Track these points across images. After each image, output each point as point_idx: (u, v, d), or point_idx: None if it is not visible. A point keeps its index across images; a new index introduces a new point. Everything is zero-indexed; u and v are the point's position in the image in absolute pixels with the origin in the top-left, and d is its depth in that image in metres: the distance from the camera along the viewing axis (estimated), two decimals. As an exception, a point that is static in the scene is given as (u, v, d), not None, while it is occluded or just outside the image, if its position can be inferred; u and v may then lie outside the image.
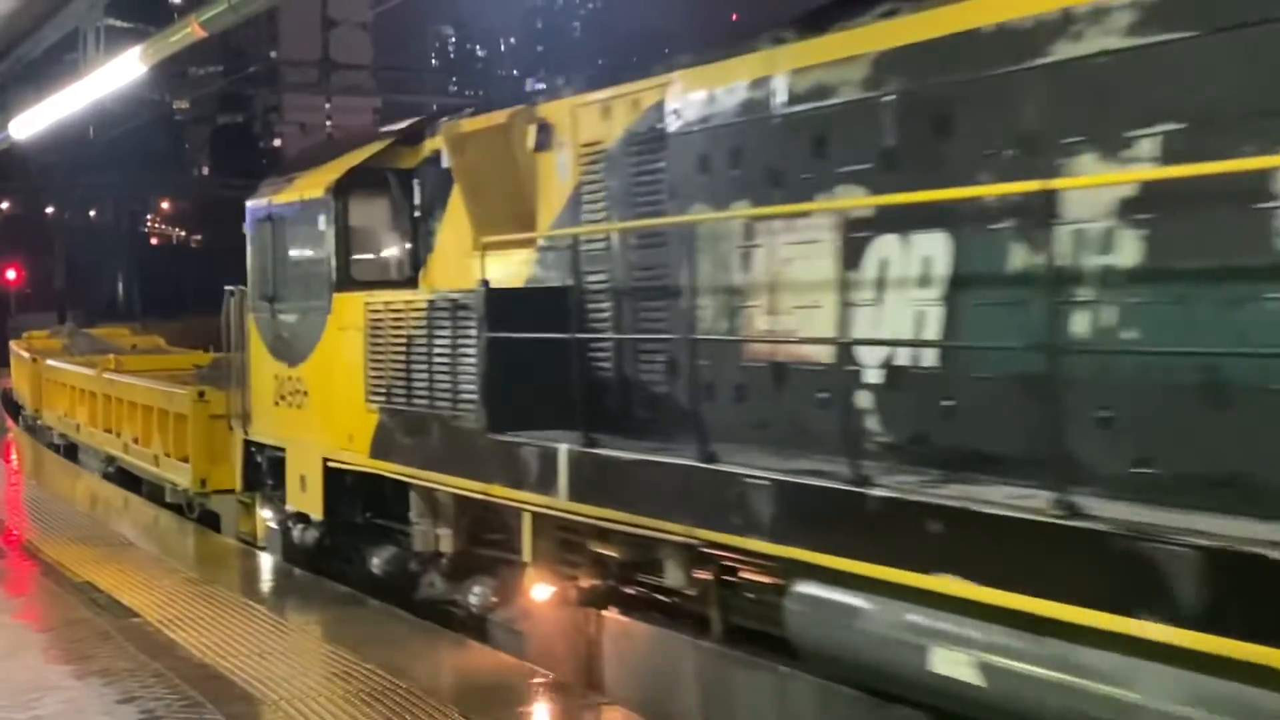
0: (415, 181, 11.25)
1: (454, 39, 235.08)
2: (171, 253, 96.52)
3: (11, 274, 55.51)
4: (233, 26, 13.05)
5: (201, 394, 15.64)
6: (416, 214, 11.25)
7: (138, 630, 9.67)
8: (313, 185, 11.76)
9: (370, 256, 11.55)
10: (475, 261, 9.50)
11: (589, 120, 9.07)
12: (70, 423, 22.11)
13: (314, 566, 12.10)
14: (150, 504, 17.01)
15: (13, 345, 30.30)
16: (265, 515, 13.21)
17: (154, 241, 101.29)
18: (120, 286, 71.89)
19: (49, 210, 71.98)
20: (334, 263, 11.29)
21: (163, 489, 17.06)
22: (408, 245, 11.32)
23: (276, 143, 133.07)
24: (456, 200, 10.54)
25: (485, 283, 8.94)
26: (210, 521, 15.42)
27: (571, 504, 8.01)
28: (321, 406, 11.40)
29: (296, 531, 12.28)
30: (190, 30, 12.75)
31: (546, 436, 8.32)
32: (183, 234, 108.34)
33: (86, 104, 17.23)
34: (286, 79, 56.35)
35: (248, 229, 13.04)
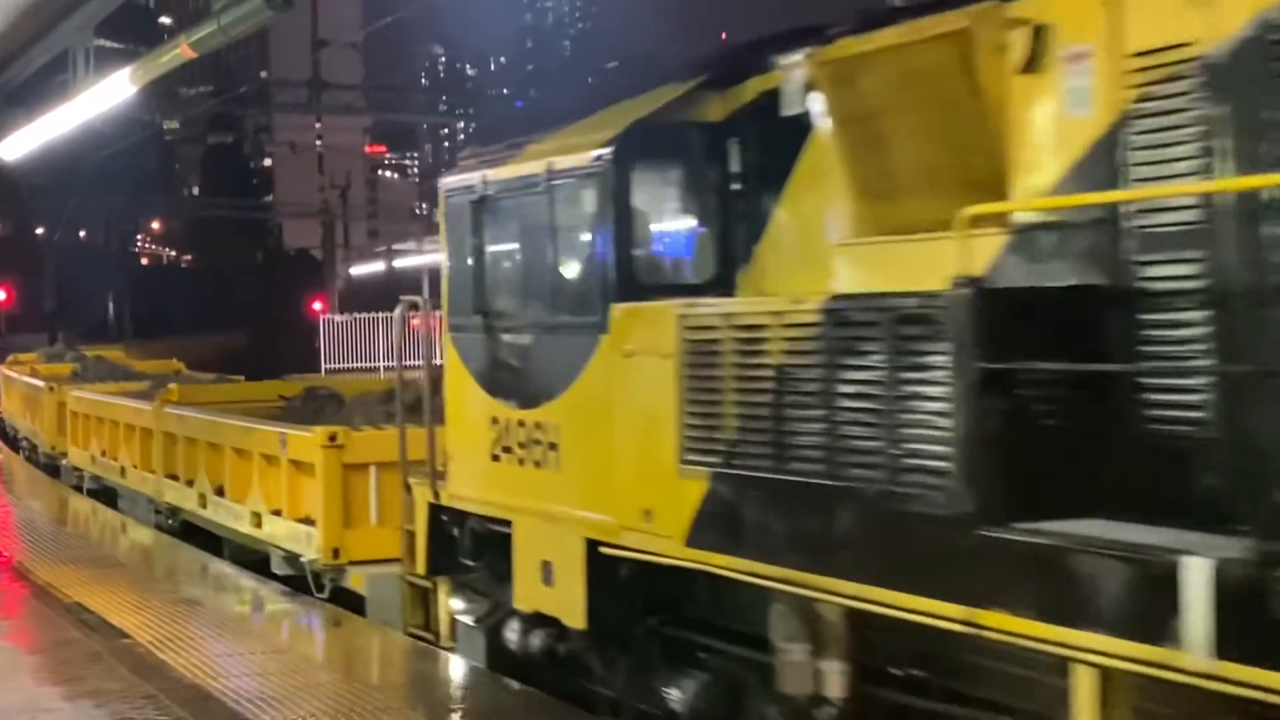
0: (731, 140, 7.96)
1: (444, 58, 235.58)
2: (162, 273, 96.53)
3: (1, 295, 55.39)
4: (222, 47, 13.06)
5: (334, 437, 12.01)
6: (734, 186, 7.98)
7: (128, 651, 9.64)
8: (570, 150, 8.33)
9: (660, 250, 8.35)
10: (859, 254, 6.94)
11: (1151, 12, 5.67)
12: (109, 465, 18.72)
13: (532, 679, 8.96)
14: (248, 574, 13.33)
15: (3, 371, 28.41)
16: (456, 607, 9.68)
17: (144, 261, 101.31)
18: (111, 307, 71.86)
19: (39, 231, 71.97)
20: (611, 259, 7.86)
21: (260, 554, 13.41)
22: (714, 232, 8.07)
23: (267, 162, 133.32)
24: (815, 163, 7.38)
25: (971, 281, 5.66)
26: (347, 602, 11.60)
27: (1220, 664, 4.64)
28: (586, 466, 7.98)
29: (513, 633, 8.89)
30: (179, 51, 12.77)
31: (1088, 530, 5.26)
32: (173, 254, 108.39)
33: (76, 125, 17.24)
34: (277, 98, 56.40)
35: (444, 217, 9.64)
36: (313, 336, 45.46)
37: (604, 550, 7.75)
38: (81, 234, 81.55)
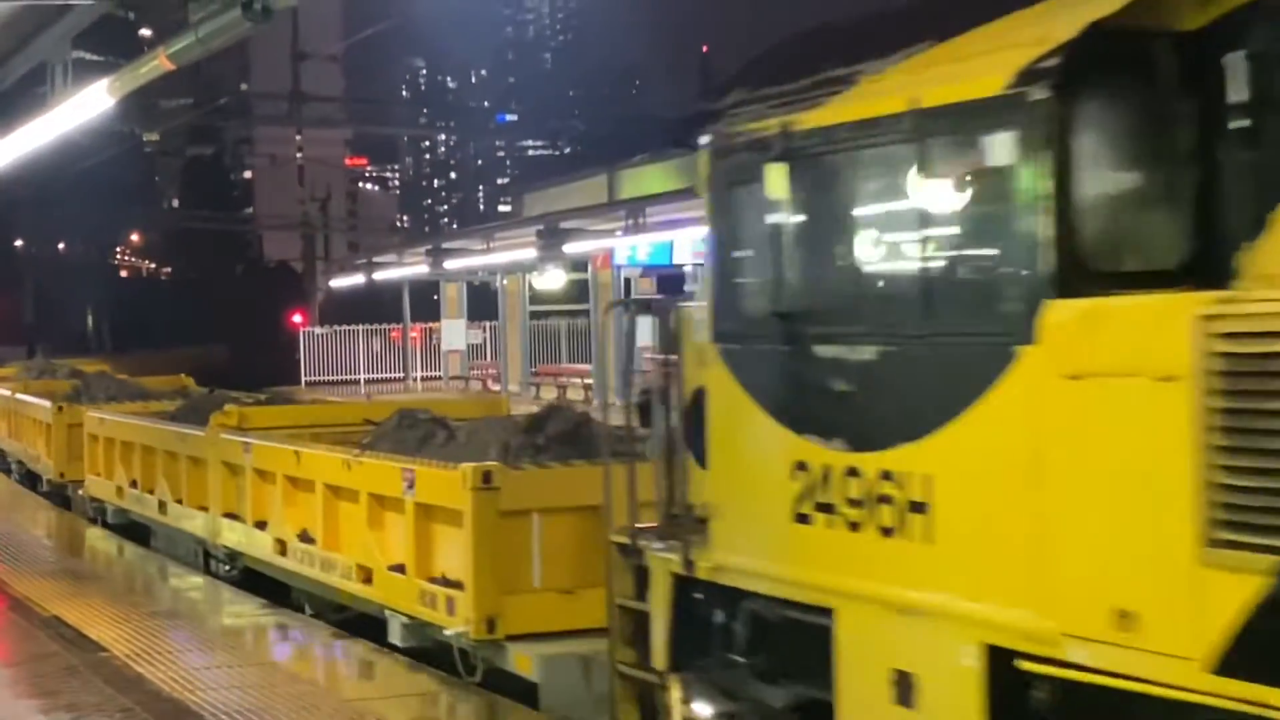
0: (1228, 56, 5.38)
1: (425, 71, 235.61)
2: (142, 285, 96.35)
3: (-20, 307, 55.25)
4: (201, 59, 13.03)
5: (487, 477, 9.47)
6: (1230, 125, 5.41)
7: (105, 665, 9.60)
8: (955, 77, 5.79)
9: (1116, 221, 5.58)
10: None
11: None
12: (143, 498, 16.13)
13: None
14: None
15: None
16: (702, 715, 7.28)
17: (124, 274, 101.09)
18: (90, 320, 71.69)
19: (18, 243, 71.77)
20: (1043, 234, 5.37)
21: (354, 612, 11.17)
22: (1190, 193, 5.53)
23: (247, 175, 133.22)
24: None
25: None
26: (503, 685, 9.36)
27: None
28: (986, 537, 5.60)
29: None
30: (158, 63, 12.73)
31: None
32: (153, 266, 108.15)
33: (55, 137, 17.19)
34: (257, 111, 56.36)
35: (710, 188, 7.09)
36: (293, 349, 45.43)
37: (1023, 665, 5.41)
38: (60, 246, 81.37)
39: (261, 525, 12.62)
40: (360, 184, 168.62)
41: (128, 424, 17.14)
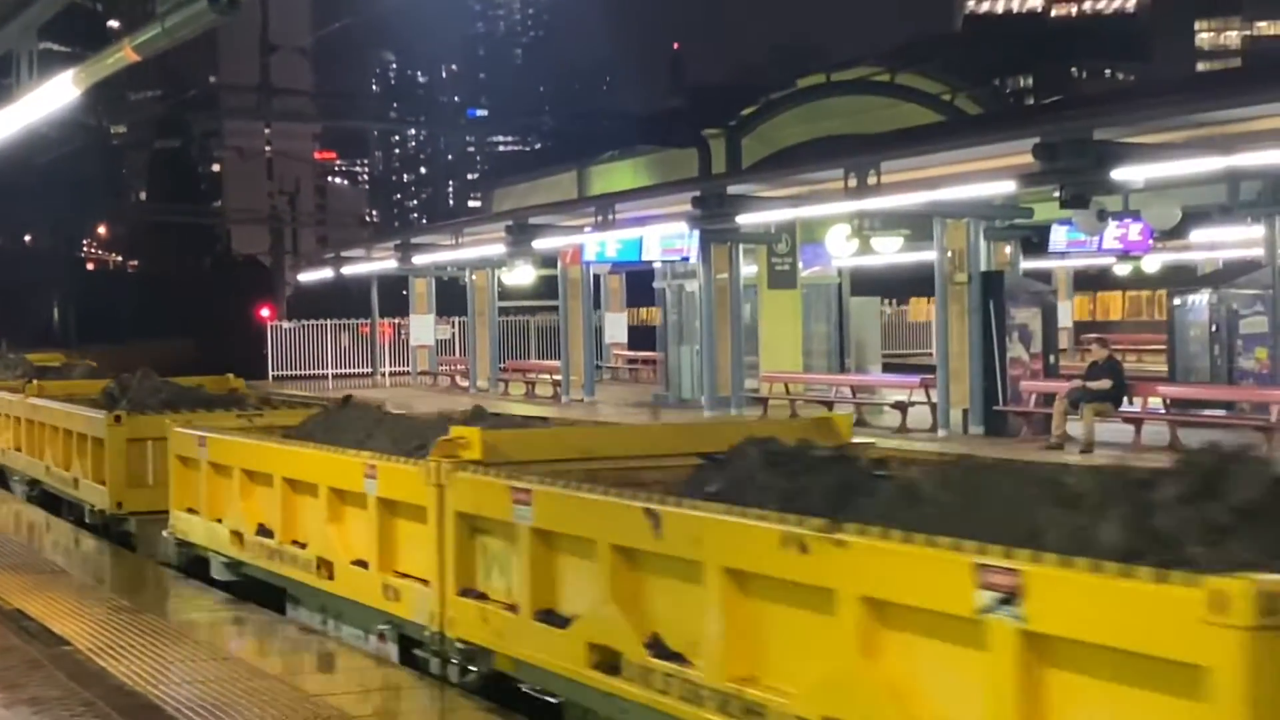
0: None
1: (395, 65, 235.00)
2: (108, 278, 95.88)
3: (-56, 300, 54.89)
4: (167, 50, 12.97)
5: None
6: None
7: (68, 658, 9.55)
8: None
9: None
10: None
11: None
12: (291, 554, 10.80)
13: None
14: None
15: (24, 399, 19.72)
16: None
17: (90, 267, 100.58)
18: (56, 312, 71.30)
19: (-17, 235, 71.31)
20: None
21: None
22: None
23: (215, 168, 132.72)
24: None
25: None
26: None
27: None
28: None
29: None
30: (123, 54, 12.66)
31: None
32: (119, 259, 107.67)
33: (20, 128, 17.09)
34: (225, 103, 56.13)
35: None
36: (261, 343, 45.30)
37: None
38: (26, 239, 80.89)
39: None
40: (329, 178, 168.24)
41: (267, 448, 11.59)
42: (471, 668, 8.48)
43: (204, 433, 12.90)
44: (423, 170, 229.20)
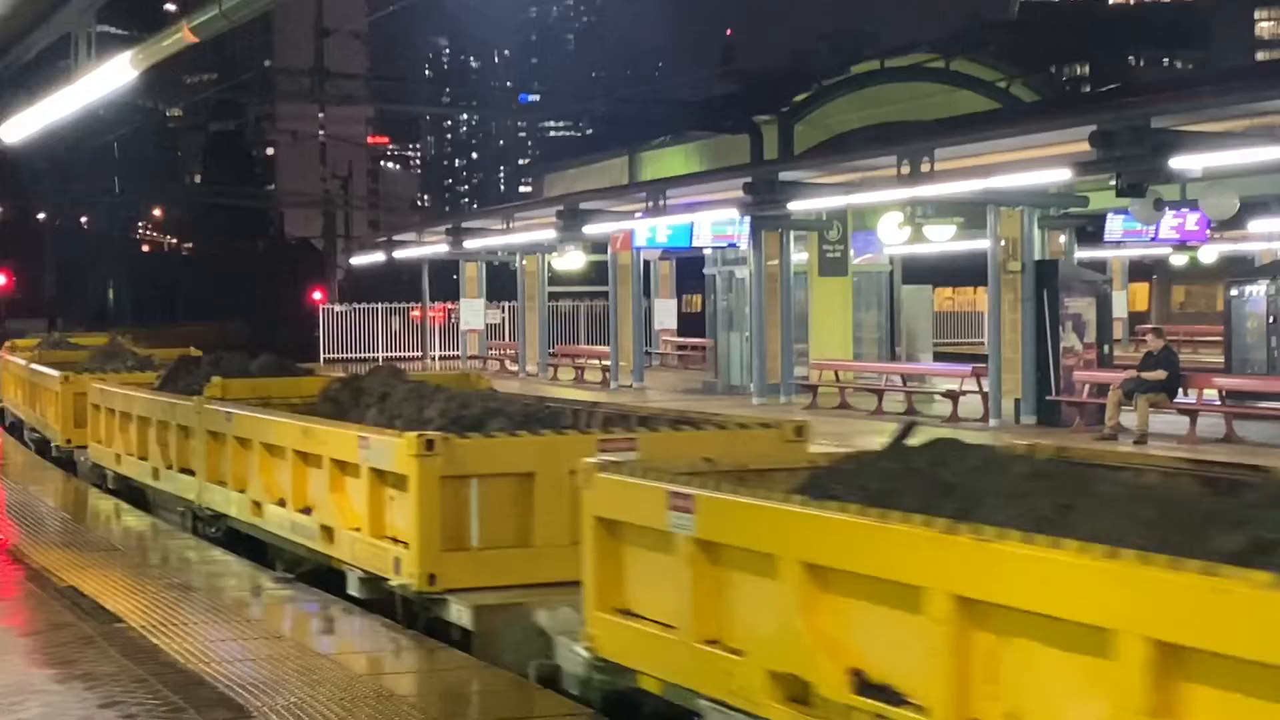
0: None
1: (448, 50, 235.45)
2: (162, 260, 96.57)
3: (1, 280, 55.45)
4: (224, 32, 13.04)
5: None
6: None
7: (121, 635, 9.63)
8: None
9: None
10: None
11: None
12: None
13: None
14: None
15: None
16: None
17: (145, 249, 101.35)
18: (111, 294, 71.90)
19: (40, 216, 71.99)
20: None
21: None
22: None
23: (269, 151, 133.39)
24: None
25: None
26: None
27: None
28: None
29: None
30: (181, 35, 12.75)
31: None
32: (174, 241, 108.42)
33: (77, 109, 17.22)
34: (280, 87, 56.40)
35: None
36: (312, 326, 45.54)
37: None
38: (83, 220, 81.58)
39: None
40: (381, 162, 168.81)
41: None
42: None
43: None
44: (474, 155, 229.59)
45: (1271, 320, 23.40)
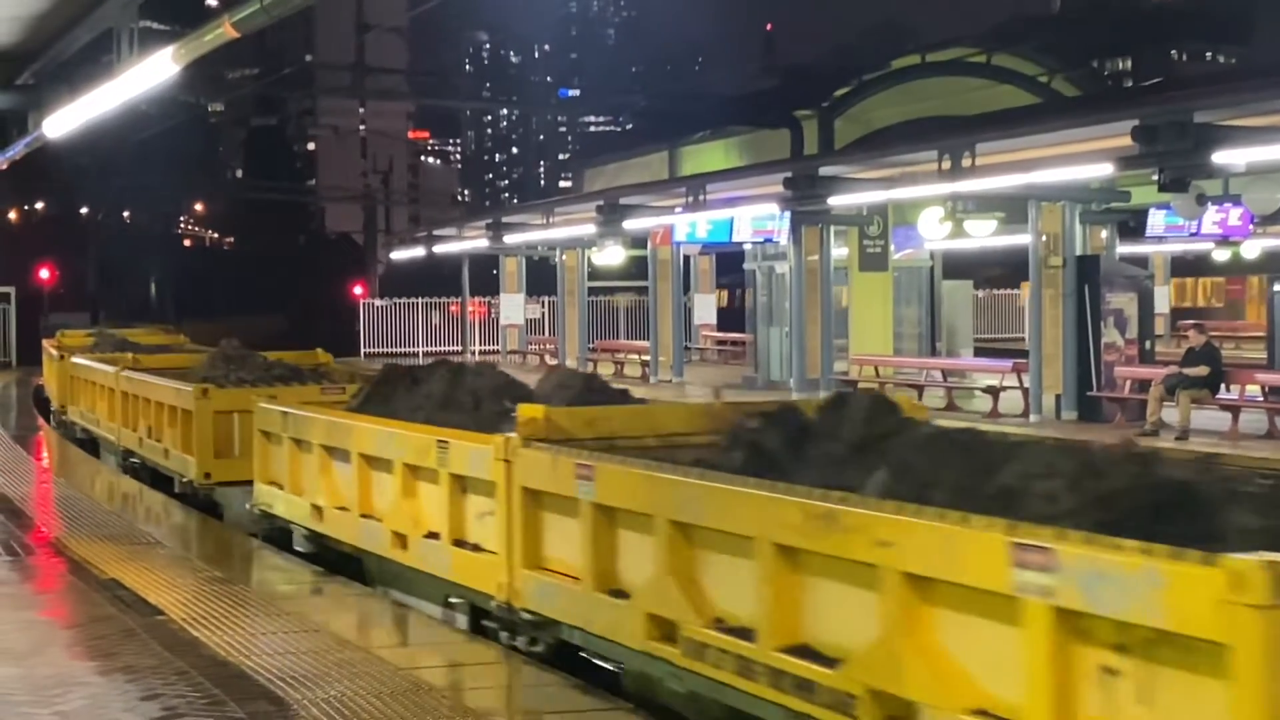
0: None
1: (488, 45, 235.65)
2: (204, 255, 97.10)
3: (45, 274, 55.87)
4: (265, 27, 13.08)
5: None
6: None
7: (162, 628, 9.69)
8: None
9: None
10: None
11: None
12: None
13: None
14: None
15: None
16: None
17: (187, 243, 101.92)
18: (153, 288, 72.33)
19: (83, 211, 72.49)
20: None
21: None
22: None
23: (310, 146, 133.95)
24: None
25: None
26: None
27: None
28: None
29: None
30: (222, 30, 12.80)
31: None
32: (215, 236, 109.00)
33: (120, 104, 17.31)
34: (321, 82, 56.59)
35: None
36: (353, 320, 45.70)
37: None
38: (125, 215, 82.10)
39: None
40: (422, 157, 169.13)
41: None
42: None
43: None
44: (514, 150, 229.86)
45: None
